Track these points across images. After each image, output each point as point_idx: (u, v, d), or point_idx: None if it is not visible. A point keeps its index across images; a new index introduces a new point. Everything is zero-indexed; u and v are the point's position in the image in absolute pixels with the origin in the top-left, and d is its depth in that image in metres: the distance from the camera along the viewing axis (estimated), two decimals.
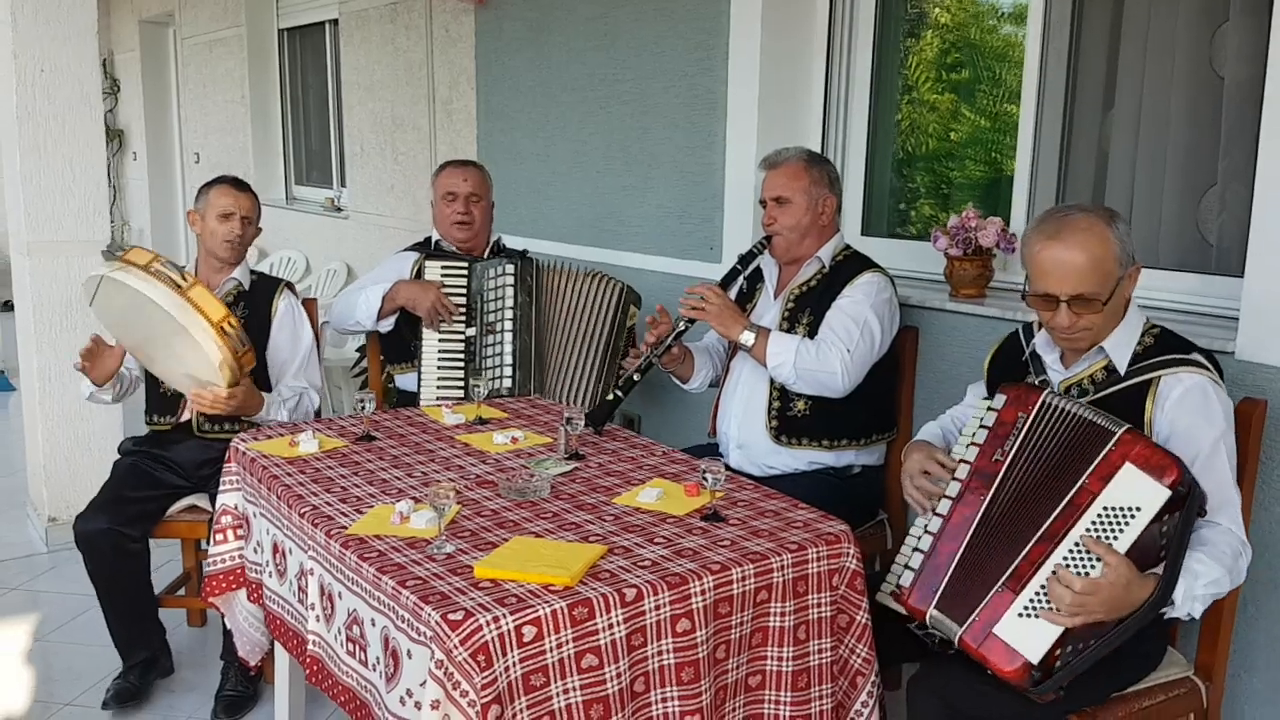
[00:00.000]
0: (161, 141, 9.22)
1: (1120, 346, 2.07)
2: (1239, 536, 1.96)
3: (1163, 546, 1.88)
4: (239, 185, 3.18)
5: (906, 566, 2.10)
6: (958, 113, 3.40)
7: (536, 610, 1.77)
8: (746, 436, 2.85)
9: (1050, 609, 1.86)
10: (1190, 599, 1.90)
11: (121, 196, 9.99)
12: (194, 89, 8.29)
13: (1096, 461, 1.88)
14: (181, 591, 3.38)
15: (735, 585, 1.95)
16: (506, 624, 1.74)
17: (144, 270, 2.78)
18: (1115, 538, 1.84)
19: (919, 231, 3.43)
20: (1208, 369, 2.02)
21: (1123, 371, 2.06)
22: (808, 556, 2.04)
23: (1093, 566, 1.84)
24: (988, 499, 2.03)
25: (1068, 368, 2.15)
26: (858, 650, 2.13)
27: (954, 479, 2.09)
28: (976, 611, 1.92)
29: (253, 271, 3.25)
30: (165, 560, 3.67)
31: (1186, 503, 1.85)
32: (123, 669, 3.05)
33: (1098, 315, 2.01)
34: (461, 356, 3.36)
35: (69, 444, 4.13)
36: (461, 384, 3.35)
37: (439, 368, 3.36)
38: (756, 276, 2.98)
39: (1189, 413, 1.97)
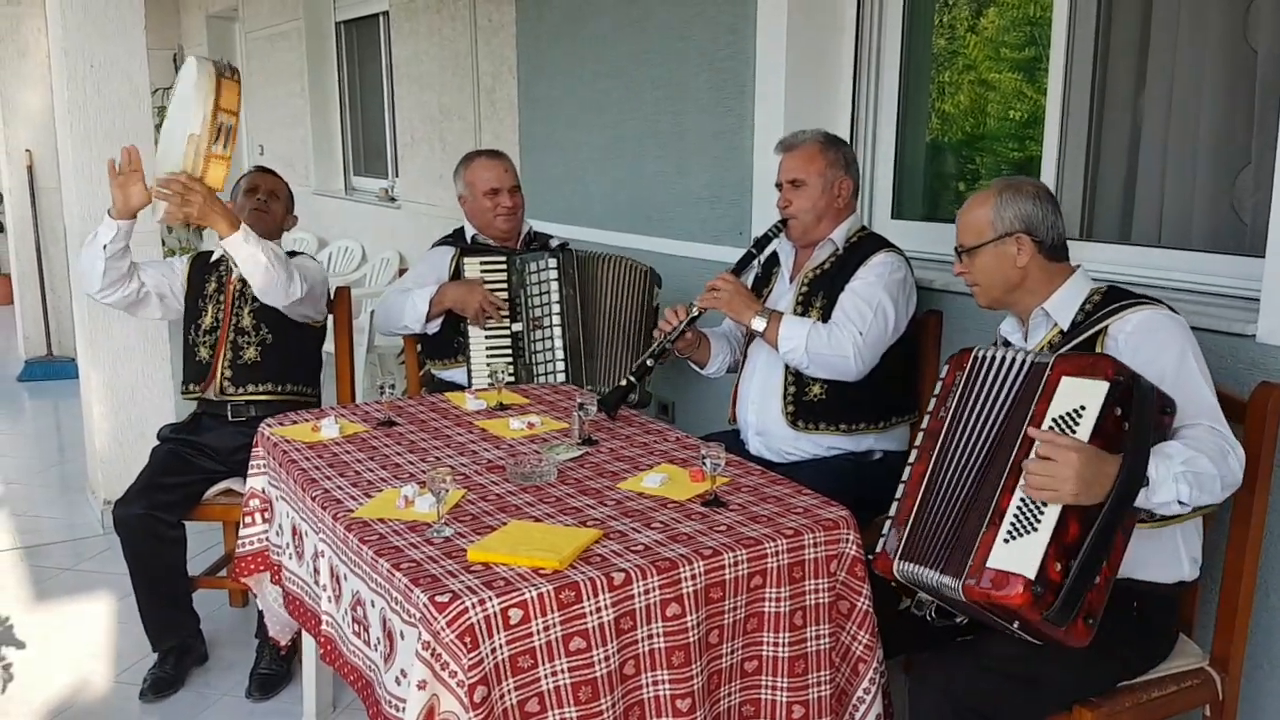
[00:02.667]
0: None
1: (1061, 308, 2.16)
2: (1223, 434, 1.93)
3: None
4: (267, 170, 3.44)
5: (880, 535, 2.10)
6: (992, 91, 3.33)
7: (523, 593, 1.79)
8: (764, 423, 2.84)
9: (1029, 523, 1.85)
10: (1170, 479, 1.83)
11: None
12: (257, 82, 8.46)
13: (1039, 392, 1.93)
14: (223, 573, 3.48)
15: (727, 570, 1.95)
16: (493, 606, 1.77)
17: (219, 76, 2.86)
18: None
19: (949, 215, 3.38)
20: (1154, 302, 2.06)
21: (1066, 329, 2.12)
22: (803, 542, 2.03)
23: None
24: (935, 452, 2.07)
25: (1028, 341, 2.22)
26: (859, 637, 2.11)
27: (913, 447, 2.14)
28: (971, 557, 1.90)
29: (289, 252, 3.33)
30: (212, 543, 3.78)
31: (1135, 390, 1.85)
32: (158, 658, 3.13)
33: (975, 272, 2.23)
34: (509, 351, 3.39)
35: (123, 429, 4.26)
36: (513, 377, 3.37)
37: (489, 363, 3.39)
38: (774, 261, 2.96)
39: (1143, 342, 2.00)
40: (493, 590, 1.79)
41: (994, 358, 2.07)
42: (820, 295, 2.77)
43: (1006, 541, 1.87)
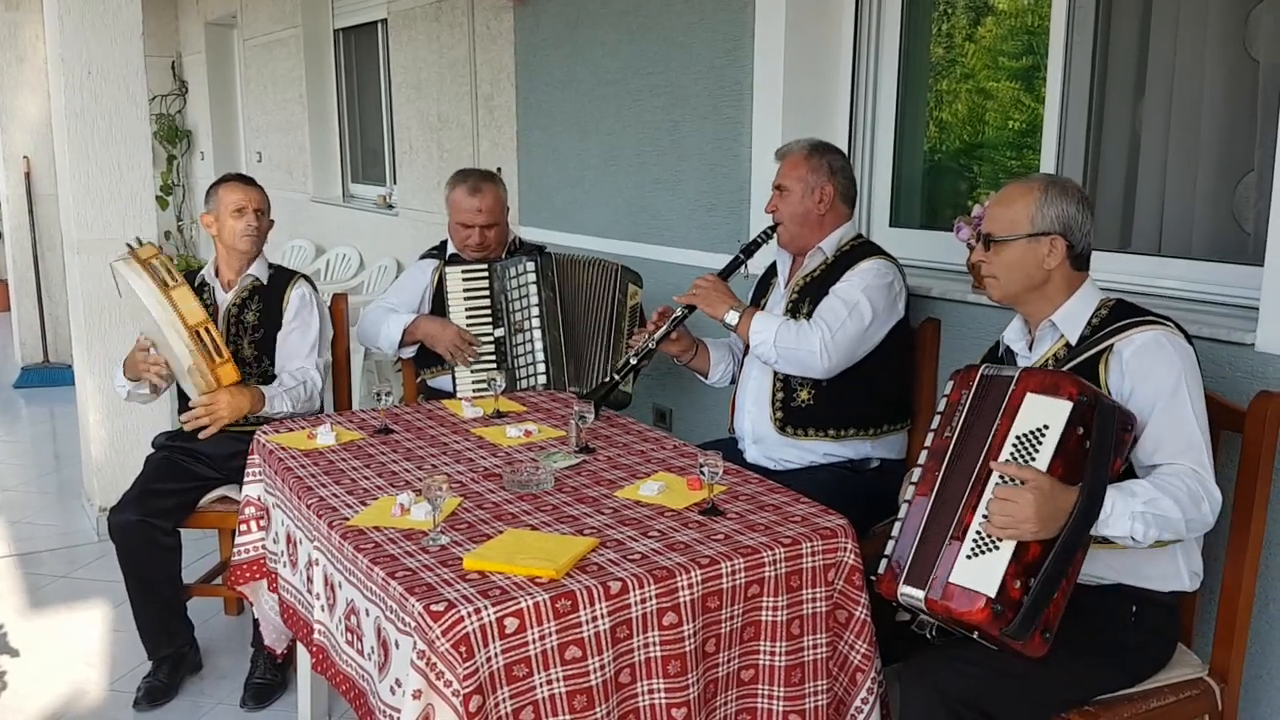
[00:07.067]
0: (227, 141, 9.43)
1: (1070, 320, 2.11)
2: (1202, 480, 1.92)
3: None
4: (245, 180, 3.24)
5: (883, 556, 2.08)
6: (990, 100, 3.33)
7: (519, 602, 1.78)
8: (759, 430, 2.83)
9: (991, 541, 1.87)
10: (1128, 516, 1.85)
11: (189, 195, 10.21)
12: (255, 89, 8.45)
13: (1003, 405, 1.95)
14: (218, 581, 3.46)
15: (725, 579, 1.94)
16: (488, 615, 1.76)
17: (141, 264, 2.87)
18: (1033, 459, 1.88)
19: (947, 223, 3.37)
20: (1161, 322, 2.02)
21: (1074, 343, 2.09)
22: (801, 551, 2.02)
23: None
24: (940, 475, 2.03)
25: (1032, 352, 2.17)
26: (857, 646, 2.10)
27: (917, 466, 2.10)
28: (934, 571, 1.93)
29: (271, 265, 3.31)
30: (208, 551, 3.77)
31: (1097, 410, 1.86)
32: (152, 667, 3.11)
33: (997, 264, 2.12)
34: (493, 358, 3.39)
35: (119, 435, 4.25)
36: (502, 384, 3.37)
37: (472, 371, 3.39)
38: (773, 271, 2.97)
39: (1144, 363, 1.99)
40: (489, 599, 1.78)
41: (990, 376, 2.03)
42: (808, 301, 2.78)
43: (969, 558, 1.89)
